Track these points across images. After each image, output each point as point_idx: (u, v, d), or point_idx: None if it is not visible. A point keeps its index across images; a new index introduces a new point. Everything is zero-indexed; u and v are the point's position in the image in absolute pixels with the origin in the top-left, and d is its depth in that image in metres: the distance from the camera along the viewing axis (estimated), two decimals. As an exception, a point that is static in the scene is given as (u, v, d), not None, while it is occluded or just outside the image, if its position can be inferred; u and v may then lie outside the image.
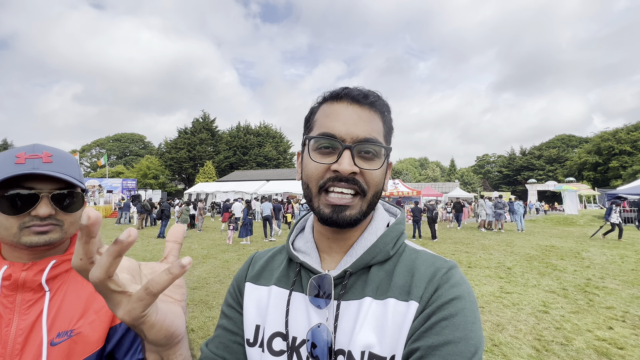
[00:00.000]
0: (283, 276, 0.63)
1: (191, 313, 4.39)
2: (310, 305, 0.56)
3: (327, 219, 0.54)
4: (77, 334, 0.69)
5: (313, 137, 0.56)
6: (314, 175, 0.55)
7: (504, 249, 9.48)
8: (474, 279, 6.03)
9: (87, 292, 0.74)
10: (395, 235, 0.59)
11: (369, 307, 0.52)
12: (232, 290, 0.68)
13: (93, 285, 0.36)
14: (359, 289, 0.55)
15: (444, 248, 9.63)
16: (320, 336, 0.53)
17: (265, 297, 0.62)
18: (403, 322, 0.50)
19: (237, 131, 50.51)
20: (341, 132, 0.54)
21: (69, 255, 0.76)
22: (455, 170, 62.00)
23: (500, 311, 4.39)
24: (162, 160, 45.18)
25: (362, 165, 0.54)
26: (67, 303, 0.71)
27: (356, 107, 0.56)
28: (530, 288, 5.46)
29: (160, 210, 12.70)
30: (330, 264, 0.60)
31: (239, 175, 37.52)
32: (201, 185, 30.41)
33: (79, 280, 0.75)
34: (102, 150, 60.84)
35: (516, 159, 55.01)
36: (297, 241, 0.66)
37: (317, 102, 0.61)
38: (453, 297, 0.49)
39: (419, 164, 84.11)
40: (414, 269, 0.54)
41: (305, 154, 0.58)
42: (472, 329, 0.47)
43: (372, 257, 0.56)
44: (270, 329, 0.58)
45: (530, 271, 6.67)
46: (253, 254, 0.73)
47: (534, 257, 8.21)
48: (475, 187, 54.22)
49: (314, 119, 0.59)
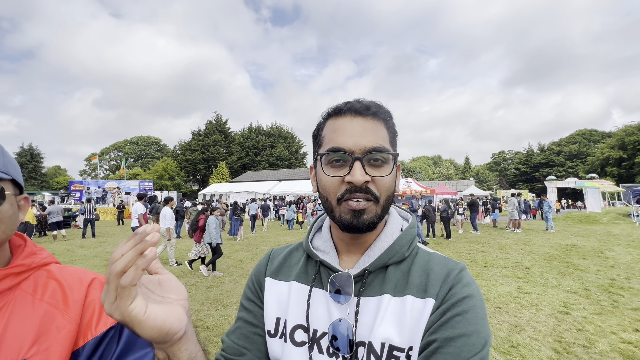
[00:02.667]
0: (302, 273, 0.67)
1: (206, 311, 4.47)
2: (331, 300, 0.60)
3: (348, 224, 0.57)
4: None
5: (324, 153, 0.59)
6: (330, 189, 0.59)
7: (522, 248, 9.21)
8: (490, 279, 5.89)
9: (40, 313, 0.62)
10: (409, 238, 0.63)
11: (388, 304, 0.57)
12: (252, 284, 0.71)
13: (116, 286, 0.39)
14: (378, 286, 0.59)
15: (459, 247, 9.45)
16: (341, 329, 0.57)
17: (285, 292, 0.66)
18: (420, 317, 0.54)
19: (249, 132, 51.11)
20: (349, 145, 0.57)
21: (13, 268, 0.63)
22: (470, 167, 60.63)
23: (519, 312, 4.27)
24: (177, 162, 46.23)
25: (373, 173, 0.57)
26: (13, 328, 0.59)
27: (360, 119, 0.59)
28: (550, 288, 5.29)
29: (175, 211, 13.00)
30: (348, 263, 0.64)
31: (252, 175, 37.93)
32: (215, 186, 30.93)
33: (27, 299, 0.62)
34: (120, 153, 62.77)
35: (534, 156, 53.35)
36: (316, 240, 0.70)
37: (323, 118, 0.64)
38: (466, 296, 0.54)
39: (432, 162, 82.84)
40: (428, 270, 0.59)
41: (318, 169, 0.61)
42: (482, 324, 0.52)
43: (389, 258, 0.60)
44: (292, 321, 0.62)
45: (550, 271, 6.46)
46: (270, 250, 0.77)
47: (554, 256, 7.94)
48: (491, 184, 52.92)
49: (322, 135, 0.63)
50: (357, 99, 0.61)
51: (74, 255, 8.91)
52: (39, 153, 44.38)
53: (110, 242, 11.38)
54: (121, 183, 27.48)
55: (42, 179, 44.25)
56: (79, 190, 26.74)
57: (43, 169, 45.70)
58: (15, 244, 0.69)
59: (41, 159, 44.79)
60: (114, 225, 18.11)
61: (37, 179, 43.31)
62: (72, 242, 11.33)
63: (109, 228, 16.28)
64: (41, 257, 0.69)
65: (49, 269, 0.69)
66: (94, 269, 7.10)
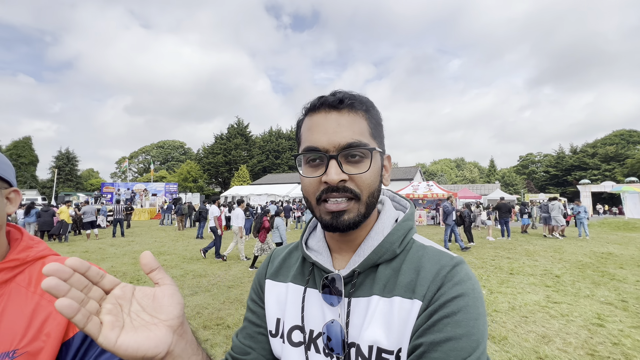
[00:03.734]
0: (298, 273, 0.67)
1: (227, 310, 4.59)
2: (324, 301, 0.60)
3: (328, 225, 0.56)
4: (21, 354, 0.60)
5: (300, 154, 0.58)
6: (309, 189, 0.57)
7: (552, 255, 8.74)
8: (516, 287, 5.64)
9: (32, 305, 0.65)
10: (401, 233, 0.60)
11: (377, 305, 0.55)
12: (255, 286, 0.73)
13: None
14: (367, 287, 0.57)
15: (483, 253, 9.11)
16: (334, 331, 0.57)
17: (283, 293, 0.67)
18: (407, 318, 0.52)
19: (269, 135, 51.93)
20: (323, 143, 0.55)
21: (8, 263, 0.66)
22: (495, 170, 58.28)
23: (547, 322, 4.07)
24: (200, 165, 47.74)
25: (351, 170, 0.55)
26: (7, 319, 0.62)
27: (334, 114, 0.56)
28: (582, 298, 4.99)
29: (198, 213, 13.42)
30: (341, 262, 0.63)
31: (272, 178, 38.48)
32: (236, 189, 31.64)
33: (21, 291, 0.66)
34: (147, 156, 65.64)
35: (565, 158, 50.45)
36: (310, 240, 0.70)
37: (301, 116, 0.61)
38: (456, 295, 0.50)
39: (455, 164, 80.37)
40: (419, 267, 0.55)
41: (299, 170, 0.60)
42: (474, 326, 0.48)
43: (378, 257, 0.58)
44: (289, 322, 0.63)
45: (582, 280, 6.09)
46: (271, 251, 0.78)
47: (587, 264, 7.48)
48: (518, 188, 50.62)
49: (300, 134, 0.61)
50: (334, 92, 0.58)
51: (105, 253, 9.42)
52: (74, 157, 47.29)
53: (138, 241, 11.92)
54: (148, 185, 28.74)
55: (77, 180, 47.08)
56: (110, 192, 28.24)
57: (78, 172, 48.59)
58: (13, 238, 0.72)
59: (77, 162, 47.68)
60: (144, 225, 18.95)
61: (73, 180, 46.15)
62: (104, 241, 11.97)
63: (137, 228, 17.06)
64: (37, 250, 0.71)
65: (45, 261, 0.71)
66: (123, 266, 7.47)
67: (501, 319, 4.16)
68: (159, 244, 11.37)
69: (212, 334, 3.82)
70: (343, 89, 0.59)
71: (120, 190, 28.11)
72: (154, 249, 10.18)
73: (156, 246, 10.74)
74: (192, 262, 7.94)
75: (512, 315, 4.29)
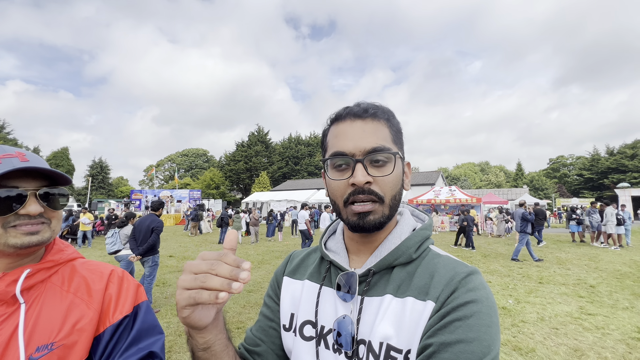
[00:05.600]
0: (315, 272, 0.70)
1: (247, 314, 4.67)
2: (338, 298, 0.62)
3: (355, 225, 0.59)
4: (58, 347, 0.65)
5: (328, 158, 0.62)
6: (337, 192, 0.61)
7: (586, 264, 8.21)
8: (545, 297, 5.35)
9: (67, 303, 0.71)
10: (419, 239, 0.62)
11: (389, 304, 0.57)
12: (273, 283, 0.77)
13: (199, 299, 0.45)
14: (382, 286, 0.59)
15: (510, 261, 8.70)
16: (345, 326, 0.59)
17: (299, 289, 0.70)
18: (419, 319, 0.53)
19: (288, 142, 52.67)
20: (350, 148, 0.59)
21: (45, 263, 0.72)
22: (522, 174, 55.61)
23: (580, 334, 3.82)
24: (222, 172, 49.10)
25: (375, 173, 0.59)
26: (45, 315, 0.68)
27: (359, 122, 0.60)
28: (620, 310, 4.65)
29: (220, 218, 13.77)
30: (357, 263, 0.66)
31: (291, 184, 38.87)
32: (257, 195, 32.21)
33: (56, 290, 0.72)
34: (172, 164, 68.39)
35: (601, 160, 47.36)
36: (329, 242, 0.73)
37: (327, 125, 0.67)
38: (469, 300, 0.51)
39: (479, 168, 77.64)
40: (434, 272, 0.57)
41: (326, 174, 0.64)
42: (486, 332, 0.48)
43: (395, 259, 0.60)
44: (302, 317, 0.66)
45: (620, 291, 5.68)
46: (291, 252, 0.82)
47: (627, 274, 6.96)
48: (548, 193, 48.01)
49: (326, 142, 0.65)
50: (357, 103, 0.63)
51: (133, 257, 9.86)
52: (107, 165, 50.20)
53: (164, 246, 12.37)
54: (174, 192, 29.86)
55: (109, 188, 49.90)
56: (138, 199, 29.60)
57: (110, 180, 51.54)
58: None
59: (109, 171, 50.58)
60: (169, 230, 19.67)
61: (105, 188, 48.95)
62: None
63: (163, 234, 17.69)
64: (68, 253, 0.78)
65: (74, 263, 0.79)
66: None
67: (529, 330, 3.96)
68: (183, 248, 11.76)
69: (232, 337, 3.90)
70: (365, 100, 0.64)
71: (148, 197, 29.40)
72: (178, 254, 10.55)
73: (180, 251, 11.12)
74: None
75: (541, 327, 4.07)
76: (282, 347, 0.69)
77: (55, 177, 0.72)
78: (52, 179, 0.73)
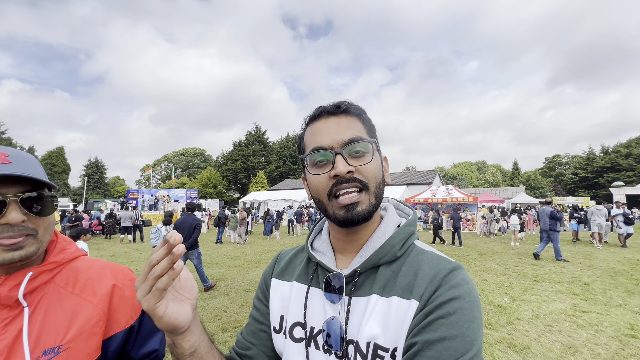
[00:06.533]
0: (303, 273, 0.70)
1: (244, 313, 4.68)
2: (326, 299, 0.62)
3: (343, 219, 0.59)
4: (65, 349, 0.63)
5: (307, 155, 0.62)
6: (319, 187, 0.61)
7: (581, 262, 8.30)
8: (540, 294, 5.41)
9: (72, 304, 0.68)
10: (403, 237, 0.62)
11: (376, 304, 0.57)
12: (261, 285, 0.77)
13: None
14: (368, 286, 0.60)
15: (506, 259, 8.78)
16: (334, 327, 0.59)
17: (287, 291, 0.70)
18: (404, 318, 0.54)
19: (286, 142, 52.59)
20: (328, 142, 0.60)
21: (47, 265, 0.69)
22: (519, 173, 55.92)
23: (574, 332, 3.87)
24: (219, 172, 48.97)
25: (355, 163, 0.59)
26: (50, 318, 0.65)
27: (333, 118, 0.62)
28: (613, 308, 4.72)
29: (217, 218, 13.75)
30: (344, 263, 0.66)
31: (289, 183, 38.85)
32: (254, 194, 32.15)
33: (61, 292, 0.69)
34: (169, 164, 68.10)
35: (596, 159, 47.77)
36: (315, 242, 0.73)
37: (302, 129, 0.68)
38: (452, 297, 0.52)
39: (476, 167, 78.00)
40: (418, 270, 0.57)
41: (306, 173, 0.64)
42: (468, 327, 0.50)
43: (379, 258, 0.60)
44: (291, 319, 0.66)
45: (614, 288, 5.75)
46: (278, 252, 0.81)
47: (620, 272, 7.05)
48: (544, 191, 48.36)
49: (304, 143, 0.66)
50: (330, 102, 0.65)
51: (130, 257, 9.83)
52: (103, 165, 49.88)
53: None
54: (170, 191, 29.74)
55: (105, 188, 49.60)
56: (135, 199, 29.45)
57: (106, 179, 51.24)
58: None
59: (105, 170, 50.28)
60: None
61: (101, 188, 48.65)
62: (129, 246, 12.51)
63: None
64: (70, 252, 0.75)
65: (78, 262, 0.76)
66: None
67: (524, 328, 4.00)
68: (180, 248, 11.72)
69: (230, 337, 3.91)
70: (346, 100, 0.66)
71: (145, 196, 29.27)
72: (175, 254, 10.52)
73: (178, 251, 11.09)
74: (211, 267, 8.14)
75: (536, 324, 4.12)
76: (274, 349, 0.70)
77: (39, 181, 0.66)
78: (38, 182, 0.66)
